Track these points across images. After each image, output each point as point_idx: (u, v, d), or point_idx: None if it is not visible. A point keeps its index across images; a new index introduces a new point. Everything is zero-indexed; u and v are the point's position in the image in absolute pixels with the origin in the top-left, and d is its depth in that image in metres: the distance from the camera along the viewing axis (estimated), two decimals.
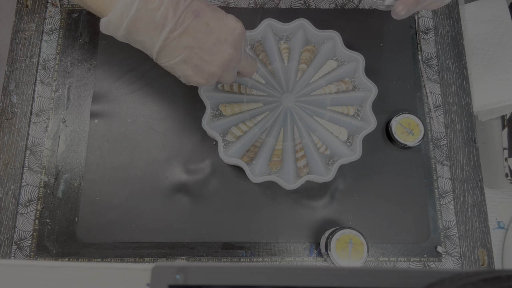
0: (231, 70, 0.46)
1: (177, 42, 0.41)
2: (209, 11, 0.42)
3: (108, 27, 0.41)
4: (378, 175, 0.59)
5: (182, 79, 0.45)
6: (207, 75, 0.44)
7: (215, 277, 0.25)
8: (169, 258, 0.56)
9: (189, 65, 0.43)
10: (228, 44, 0.43)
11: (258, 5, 0.66)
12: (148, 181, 0.58)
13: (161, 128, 0.60)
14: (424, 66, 0.65)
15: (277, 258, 0.57)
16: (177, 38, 0.41)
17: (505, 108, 0.65)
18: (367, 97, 0.57)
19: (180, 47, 0.42)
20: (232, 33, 0.43)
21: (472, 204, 0.59)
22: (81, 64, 0.63)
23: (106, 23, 0.41)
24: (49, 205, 0.57)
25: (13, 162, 0.59)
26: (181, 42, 0.41)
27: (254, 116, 0.57)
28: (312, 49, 0.59)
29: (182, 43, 0.42)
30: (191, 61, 0.43)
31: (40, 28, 0.64)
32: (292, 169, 0.54)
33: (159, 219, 0.57)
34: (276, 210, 0.58)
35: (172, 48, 0.42)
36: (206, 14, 0.42)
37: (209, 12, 0.42)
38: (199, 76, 0.44)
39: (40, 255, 0.56)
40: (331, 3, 0.67)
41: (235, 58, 0.44)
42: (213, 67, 0.43)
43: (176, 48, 0.42)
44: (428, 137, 0.62)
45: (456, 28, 0.67)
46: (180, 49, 0.42)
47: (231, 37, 0.43)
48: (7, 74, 0.62)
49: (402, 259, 0.57)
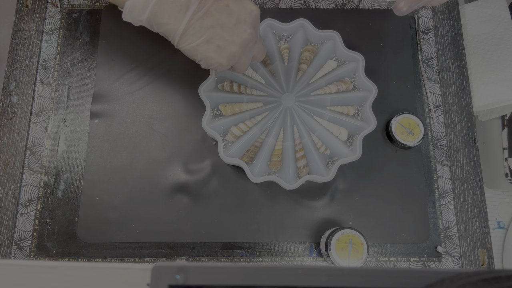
0: (248, 53, 0.47)
1: (200, 23, 0.43)
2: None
3: (132, 10, 0.42)
4: (378, 175, 0.59)
5: (203, 62, 0.46)
6: (229, 55, 0.45)
7: (215, 277, 0.25)
8: (169, 258, 0.56)
9: (211, 45, 0.44)
10: (247, 24, 0.44)
11: (258, 5, 0.66)
12: (148, 181, 0.58)
13: (161, 128, 0.60)
14: (424, 66, 0.65)
15: (277, 258, 0.57)
16: (200, 19, 0.42)
17: (505, 108, 0.65)
18: (367, 97, 0.57)
19: (203, 28, 0.43)
20: (251, 14, 0.45)
21: (472, 204, 0.59)
22: (81, 64, 0.63)
23: (131, 6, 0.42)
24: (49, 205, 0.57)
25: (13, 162, 0.59)
26: (204, 23, 0.43)
27: (254, 116, 0.57)
28: (312, 49, 0.59)
29: (205, 24, 0.43)
30: (213, 42, 0.44)
31: (40, 28, 0.64)
32: (292, 169, 0.54)
33: (159, 219, 0.57)
34: (276, 210, 0.58)
35: (196, 29, 0.43)
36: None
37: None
38: (221, 56, 0.45)
39: (40, 255, 0.56)
40: (331, 3, 0.67)
41: (253, 38, 0.46)
42: (235, 46, 0.44)
43: (199, 29, 0.43)
44: (428, 137, 0.62)
45: (456, 28, 0.67)
46: (203, 29, 0.43)
47: (249, 18, 0.45)
48: (7, 74, 0.62)
49: (402, 259, 0.57)
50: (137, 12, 0.42)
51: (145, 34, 0.64)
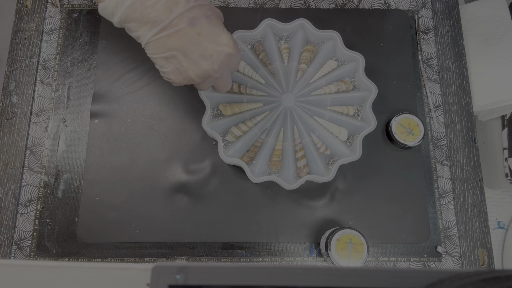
0: (206, 83, 0.47)
1: (164, 41, 0.42)
2: (205, 23, 0.43)
3: (104, 12, 0.43)
4: (378, 175, 0.59)
5: (160, 72, 0.47)
6: (183, 78, 0.45)
7: (215, 277, 0.25)
8: (169, 258, 0.56)
9: (169, 64, 0.44)
10: (211, 61, 0.44)
11: (258, 5, 0.66)
12: (148, 181, 0.58)
13: (161, 128, 0.60)
14: (424, 66, 0.65)
15: (277, 258, 0.57)
16: (166, 37, 0.42)
17: (505, 108, 0.65)
18: (367, 97, 0.57)
19: (165, 46, 0.43)
20: (219, 52, 0.44)
21: (472, 204, 0.59)
22: (81, 64, 0.63)
23: (102, 8, 0.43)
24: (49, 205, 0.57)
25: (13, 162, 0.59)
26: (168, 42, 0.43)
27: (254, 116, 0.57)
28: (312, 49, 0.59)
29: (168, 44, 0.43)
30: (172, 62, 0.44)
31: (40, 28, 0.64)
32: (292, 169, 0.54)
33: (159, 219, 0.57)
34: (276, 210, 0.58)
35: (159, 45, 0.43)
36: (201, 25, 0.43)
37: (205, 25, 0.43)
38: (176, 76, 0.45)
39: (40, 255, 0.56)
40: (331, 3, 0.67)
41: (214, 75, 0.45)
42: (191, 74, 0.44)
43: (162, 45, 0.43)
44: (428, 137, 0.62)
45: (456, 28, 0.67)
46: (165, 48, 0.43)
47: (217, 56, 0.44)
48: (7, 74, 0.62)
49: (402, 259, 0.57)
50: (108, 14, 0.43)
51: None
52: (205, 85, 0.47)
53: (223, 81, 0.49)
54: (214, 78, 0.46)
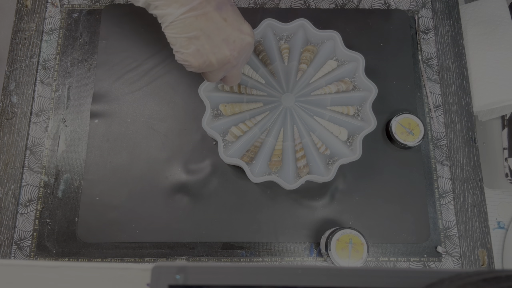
0: (221, 71, 0.47)
1: (191, 21, 0.43)
2: (231, 10, 0.44)
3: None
4: (378, 175, 0.59)
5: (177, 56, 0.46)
6: (203, 62, 0.45)
7: (215, 277, 0.25)
8: (169, 258, 0.56)
9: (191, 45, 0.44)
10: (234, 46, 0.44)
11: (258, 5, 0.66)
12: (148, 181, 0.58)
13: (161, 128, 0.60)
14: (424, 66, 0.65)
15: (277, 258, 0.57)
16: (194, 17, 0.42)
17: (505, 108, 0.65)
18: (367, 97, 0.57)
19: (192, 27, 0.43)
20: (242, 39, 0.45)
21: (472, 204, 0.59)
22: (81, 64, 0.63)
23: None
24: (49, 205, 0.57)
25: (13, 162, 0.59)
26: (194, 23, 0.43)
27: (254, 116, 0.57)
28: (312, 49, 0.59)
29: (195, 24, 0.43)
30: (195, 43, 0.44)
31: (40, 28, 0.64)
32: (292, 169, 0.54)
33: (159, 219, 0.57)
34: (276, 210, 0.58)
35: (185, 24, 0.43)
36: (227, 11, 0.44)
37: (231, 11, 0.44)
38: (196, 59, 0.45)
39: (40, 255, 0.56)
40: (331, 3, 0.67)
41: (232, 62, 0.45)
42: (212, 58, 0.44)
43: (189, 25, 0.43)
44: (428, 137, 0.62)
45: (456, 28, 0.67)
46: (191, 28, 0.43)
47: (239, 42, 0.44)
48: (7, 74, 0.62)
49: (402, 259, 0.57)
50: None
51: (145, 34, 0.64)
52: (219, 73, 0.47)
53: (237, 72, 0.49)
54: (231, 65, 0.46)
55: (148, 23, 0.64)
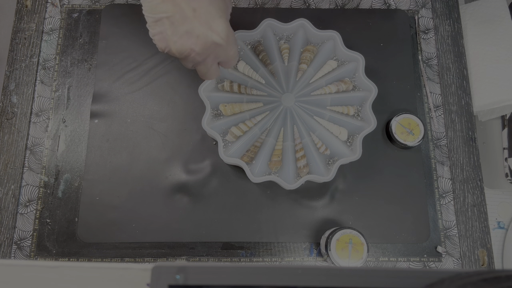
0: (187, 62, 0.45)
1: (157, 3, 0.41)
2: (206, 2, 0.41)
3: None
4: (378, 175, 0.59)
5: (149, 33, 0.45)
6: (165, 47, 0.43)
7: (215, 277, 0.25)
8: (169, 258, 0.56)
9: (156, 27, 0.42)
10: (197, 41, 0.42)
11: (258, 5, 0.66)
12: (148, 181, 0.58)
13: (161, 128, 0.60)
14: (424, 66, 0.65)
15: (277, 258, 0.57)
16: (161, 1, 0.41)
17: (505, 108, 0.65)
18: (367, 97, 0.57)
19: (157, 9, 0.41)
20: (207, 36, 0.42)
21: (472, 204, 0.59)
22: (81, 64, 0.63)
23: None
24: (49, 205, 0.57)
25: (13, 162, 0.59)
26: (160, 5, 0.41)
27: (254, 116, 0.57)
28: (312, 49, 0.59)
29: (160, 7, 0.41)
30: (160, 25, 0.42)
31: (40, 28, 0.64)
32: (292, 169, 0.54)
33: (159, 219, 0.57)
34: (276, 210, 0.58)
35: (152, 5, 0.41)
36: (200, 2, 0.41)
37: (205, 3, 0.41)
38: (159, 42, 0.43)
39: (40, 255, 0.56)
40: (331, 3, 0.67)
41: (193, 57, 0.43)
42: (172, 46, 0.42)
43: (155, 7, 0.41)
44: (428, 137, 0.61)
45: (456, 28, 0.67)
46: (157, 10, 0.41)
47: (203, 38, 0.42)
48: (7, 74, 0.62)
49: (402, 259, 0.57)
50: None
51: (145, 34, 0.64)
52: (186, 63, 0.46)
53: (205, 68, 0.46)
54: (195, 60, 0.44)
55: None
